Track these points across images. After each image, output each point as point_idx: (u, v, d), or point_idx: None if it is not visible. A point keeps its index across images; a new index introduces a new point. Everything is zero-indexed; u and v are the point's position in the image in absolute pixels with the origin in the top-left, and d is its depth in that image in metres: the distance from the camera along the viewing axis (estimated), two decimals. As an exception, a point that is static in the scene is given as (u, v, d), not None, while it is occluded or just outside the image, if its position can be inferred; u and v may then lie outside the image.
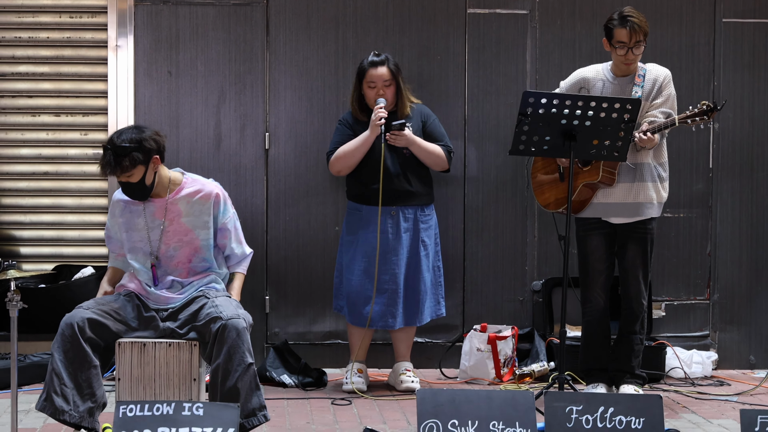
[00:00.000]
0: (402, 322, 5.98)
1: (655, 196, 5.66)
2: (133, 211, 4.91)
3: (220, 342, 4.58)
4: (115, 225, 4.99)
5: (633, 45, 5.52)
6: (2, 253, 6.61)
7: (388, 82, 5.93)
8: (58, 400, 4.55)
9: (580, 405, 4.24)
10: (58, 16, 6.66)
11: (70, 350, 4.59)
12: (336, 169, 6.01)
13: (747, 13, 6.73)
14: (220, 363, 4.56)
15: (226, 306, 4.72)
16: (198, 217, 4.89)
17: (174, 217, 4.87)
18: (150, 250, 4.88)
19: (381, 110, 5.84)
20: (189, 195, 4.90)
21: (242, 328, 4.60)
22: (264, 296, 6.60)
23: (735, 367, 6.77)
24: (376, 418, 5.40)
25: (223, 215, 4.97)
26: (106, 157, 4.71)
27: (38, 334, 6.30)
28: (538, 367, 6.32)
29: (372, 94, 5.93)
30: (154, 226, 4.87)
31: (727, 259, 6.77)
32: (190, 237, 4.89)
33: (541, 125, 5.30)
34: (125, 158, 4.69)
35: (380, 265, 5.90)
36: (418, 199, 5.99)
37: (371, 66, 5.92)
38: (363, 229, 5.96)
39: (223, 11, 6.59)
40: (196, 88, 6.60)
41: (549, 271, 6.70)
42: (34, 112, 6.68)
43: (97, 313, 4.67)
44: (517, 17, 6.68)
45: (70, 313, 4.67)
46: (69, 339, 4.59)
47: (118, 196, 4.97)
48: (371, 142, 5.88)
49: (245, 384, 4.58)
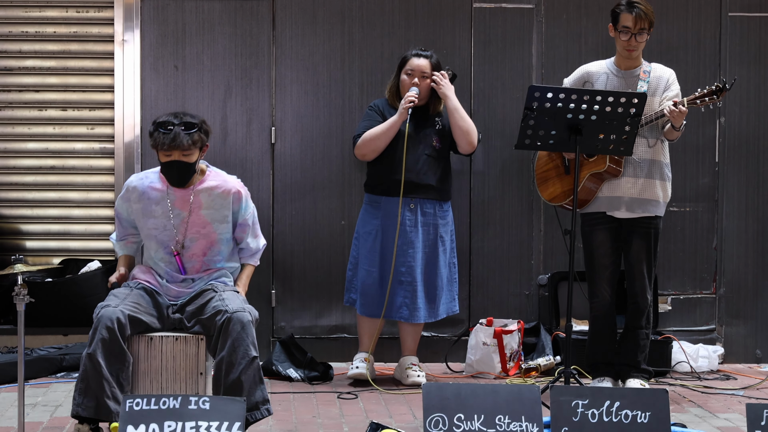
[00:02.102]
0: (425, 316, 5.99)
1: (662, 194, 5.68)
2: (152, 197, 4.88)
3: (225, 335, 4.59)
4: (130, 210, 4.95)
5: (637, 31, 5.54)
6: (9, 247, 6.63)
7: (426, 74, 5.96)
8: (112, 404, 4.53)
9: (586, 399, 4.24)
10: (65, 11, 6.67)
11: (112, 352, 4.55)
12: (362, 153, 6.00)
13: (753, 6, 6.72)
14: (224, 356, 4.57)
15: (232, 300, 4.73)
16: (218, 211, 4.89)
17: (195, 208, 4.86)
18: (171, 238, 4.86)
19: (412, 95, 5.87)
20: (211, 188, 4.89)
21: (247, 321, 4.61)
22: (270, 290, 6.61)
23: (741, 361, 6.77)
24: (382, 412, 5.41)
25: (244, 212, 4.97)
26: (171, 130, 4.69)
27: (45, 327, 6.32)
28: (544, 361, 6.33)
29: (408, 82, 5.95)
30: (174, 215, 4.85)
31: (733, 253, 6.77)
32: (208, 230, 4.89)
33: (546, 119, 5.30)
34: (193, 134, 4.72)
35: (398, 257, 5.91)
36: (437, 194, 6.00)
37: (415, 56, 6.00)
38: (382, 220, 5.97)
39: (229, 6, 6.59)
40: (202, 82, 6.61)
41: (555, 265, 6.70)
42: (41, 107, 6.70)
43: (130, 309, 4.64)
44: (522, 11, 6.68)
45: (102, 313, 4.58)
46: (109, 341, 4.53)
47: (136, 182, 4.93)
48: (398, 126, 5.89)
49: (249, 377, 4.58)
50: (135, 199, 4.91)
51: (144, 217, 4.90)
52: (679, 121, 5.48)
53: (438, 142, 5.97)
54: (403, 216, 5.94)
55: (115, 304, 4.64)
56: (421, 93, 5.93)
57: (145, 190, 4.89)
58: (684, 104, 5.46)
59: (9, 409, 5.32)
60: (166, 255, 4.89)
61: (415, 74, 5.96)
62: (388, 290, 5.92)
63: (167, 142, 4.69)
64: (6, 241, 6.68)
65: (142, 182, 4.92)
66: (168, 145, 4.70)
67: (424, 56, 5.99)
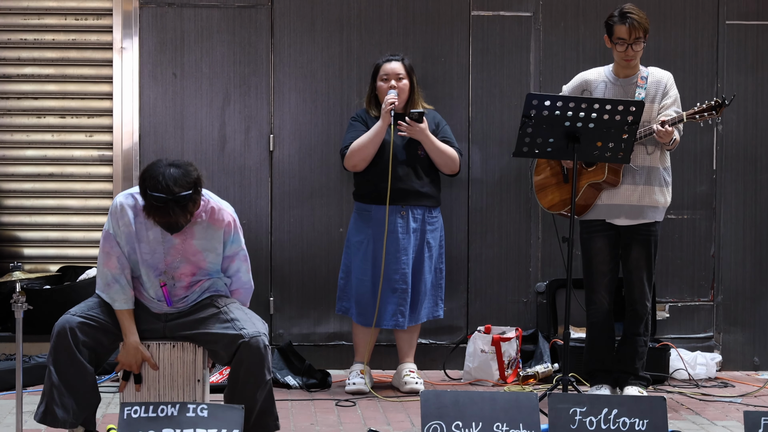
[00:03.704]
0: (407, 321, 6.00)
1: (661, 200, 5.69)
2: (143, 222, 4.58)
3: (239, 361, 4.49)
4: (121, 234, 4.64)
5: (632, 41, 5.55)
6: (7, 255, 6.64)
7: (401, 76, 5.98)
8: (59, 412, 4.49)
9: (583, 406, 4.24)
10: (64, 18, 6.68)
11: (62, 360, 4.50)
12: (352, 163, 6.01)
13: (750, 15, 6.73)
14: (238, 383, 4.49)
15: (244, 319, 4.58)
16: (209, 242, 4.66)
17: (187, 238, 4.62)
18: (159, 260, 4.62)
19: (392, 98, 5.89)
20: (205, 218, 4.63)
21: (264, 346, 4.49)
22: (268, 297, 6.61)
23: (739, 368, 6.77)
24: (380, 420, 5.41)
25: (233, 243, 4.71)
26: (168, 208, 4.36)
27: (43, 335, 6.27)
28: (542, 368, 6.33)
29: (384, 87, 5.96)
30: (164, 241, 4.61)
31: (731, 260, 6.77)
32: (198, 258, 4.67)
33: (544, 127, 5.31)
34: (188, 206, 4.41)
35: (391, 264, 5.91)
36: (426, 200, 6.01)
37: (386, 61, 6.03)
38: (373, 229, 5.98)
39: (227, 13, 6.60)
40: (200, 90, 6.61)
41: (553, 272, 6.70)
42: (40, 114, 6.70)
43: (87, 317, 4.56)
44: (521, 19, 6.69)
45: (58, 321, 4.53)
46: (61, 348, 4.49)
47: (124, 201, 4.64)
48: (384, 131, 5.90)
49: (262, 397, 4.53)
50: (128, 221, 4.62)
51: (138, 242, 4.63)
52: (667, 139, 5.49)
53: (422, 150, 5.97)
54: (395, 224, 5.94)
55: (74, 312, 4.57)
56: (399, 95, 5.95)
57: (138, 212, 4.59)
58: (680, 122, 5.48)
59: (7, 416, 5.32)
60: (155, 278, 4.66)
61: (390, 77, 5.97)
62: (378, 299, 5.92)
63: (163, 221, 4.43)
64: (4, 248, 6.68)
65: (131, 204, 4.63)
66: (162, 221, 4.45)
67: (395, 59, 6.03)
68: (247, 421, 4.41)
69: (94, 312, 4.61)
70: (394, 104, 5.88)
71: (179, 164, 4.41)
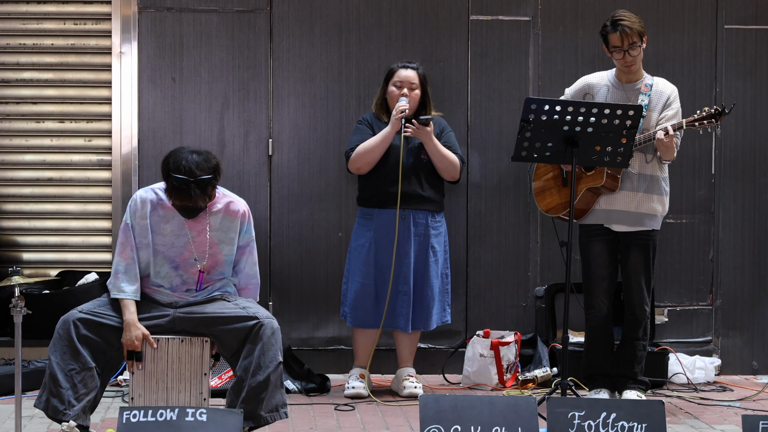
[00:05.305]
0: (411, 326, 6.00)
1: (659, 208, 5.69)
2: (162, 215, 4.83)
3: (255, 339, 4.69)
4: (139, 226, 4.83)
5: (628, 47, 5.55)
6: (6, 259, 6.64)
7: (414, 85, 5.99)
8: (54, 401, 4.62)
9: (582, 411, 4.25)
10: (63, 23, 6.69)
11: (62, 350, 4.65)
12: (356, 166, 6.01)
13: (749, 19, 6.74)
14: (252, 358, 4.66)
15: (257, 308, 4.83)
16: (225, 233, 4.89)
17: (203, 229, 4.85)
18: (177, 254, 4.83)
19: (403, 105, 5.89)
20: (220, 210, 4.88)
21: (276, 328, 4.74)
22: (267, 302, 6.62)
23: (738, 372, 6.77)
24: (379, 424, 5.41)
25: (246, 233, 4.95)
26: (190, 190, 4.63)
27: (42, 339, 6.27)
28: (541, 372, 6.33)
29: (397, 93, 5.97)
30: (181, 234, 4.83)
31: (729, 264, 6.78)
32: (214, 250, 4.88)
33: (543, 132, 5.31)
34: (208, 189, 4.69)
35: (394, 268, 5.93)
36: (430, 205, 6.02)
37: (402, 67, 6.04)
38: (375, 232, 5.98)
39: (226, 18, 6.61)
40: (199, 94, 6.62)
41: (552, 276, 6.71)
42: (39, 119, 6.71)
43: (92, 313, 4.72)
44: (519, 24, 6.70)
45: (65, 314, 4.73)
46: (64, 339, 4.65)
47: (145, 195, 4.84)
48: (392, 137, 5.91)
49: (274, 380, 4.69)
50: (147, 214, 4.82)
51: (153, 233, 4.84)
52: (667, 152, 5.49)
53: (425, 155, 5.99)
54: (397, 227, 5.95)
55: (80, 308, 4.74)
56: (410, 104, 5.96)
57: (156, 206, 4.84)
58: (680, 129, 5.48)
59: (6, 421, 5.32)
60: (171, 270, 4.87)
61: (404, 85, 5.98)
62: (387, 300, 5.93)
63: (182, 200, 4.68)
64: (3, 253, 6.69)
65: (152, 198, 4.84)
66: (181, 202, 4.70)
67: (411, 67, 6.03)
68: (256, 400, 4.63)
69: (101, 309, 4.78)
70: (404, 113, 5.89)
71: (200, 151, 4.73)
